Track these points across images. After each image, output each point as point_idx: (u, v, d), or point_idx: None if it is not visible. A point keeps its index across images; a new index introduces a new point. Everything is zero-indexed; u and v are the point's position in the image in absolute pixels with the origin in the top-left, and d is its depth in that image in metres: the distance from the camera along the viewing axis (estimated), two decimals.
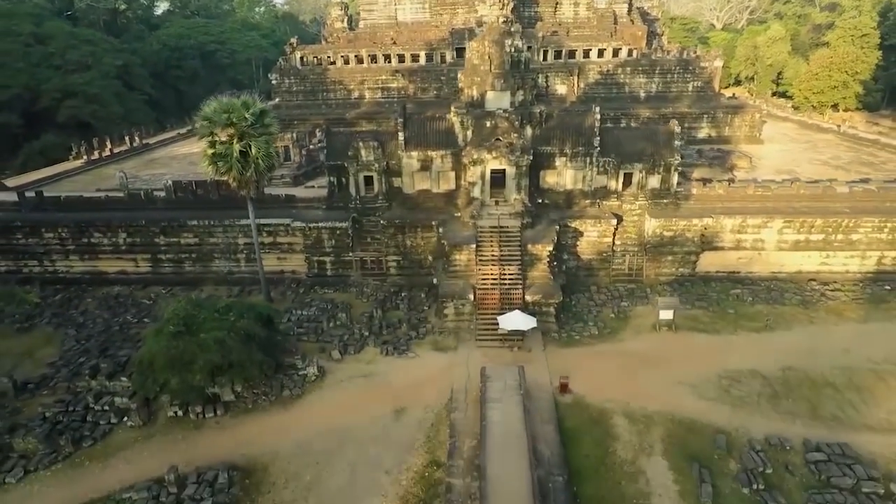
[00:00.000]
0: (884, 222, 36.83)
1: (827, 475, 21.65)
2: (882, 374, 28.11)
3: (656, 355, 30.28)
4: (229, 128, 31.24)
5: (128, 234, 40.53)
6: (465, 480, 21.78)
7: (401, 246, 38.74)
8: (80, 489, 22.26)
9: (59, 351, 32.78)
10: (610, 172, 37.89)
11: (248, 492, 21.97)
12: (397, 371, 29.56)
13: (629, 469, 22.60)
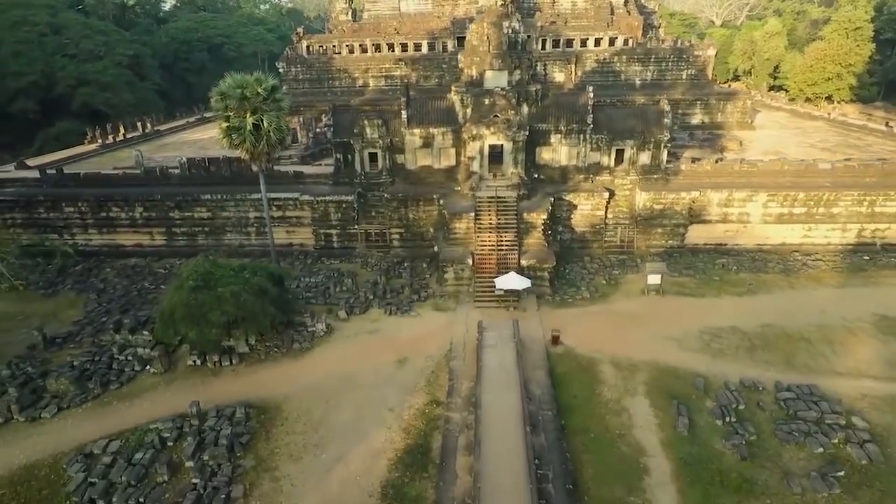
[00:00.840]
0: (863, 196, 38.71)
1: (794, 410, 23.59)
2: (854, 330, 30.02)
3: (643, 315, 32.24)
4: (243, 102, 33.31)
5: (144, 208, 42.65)
6: (462, 414, 23.80)
7: (404, 219, 40.75)
8: (109, 422, 24.29)
9: (83, 312, 34.88)
10: (603, 149, 39.85)
11: (263, 424, 23.97)
12: (400, 328, 31.59)
13: (614, 406, 24.56)
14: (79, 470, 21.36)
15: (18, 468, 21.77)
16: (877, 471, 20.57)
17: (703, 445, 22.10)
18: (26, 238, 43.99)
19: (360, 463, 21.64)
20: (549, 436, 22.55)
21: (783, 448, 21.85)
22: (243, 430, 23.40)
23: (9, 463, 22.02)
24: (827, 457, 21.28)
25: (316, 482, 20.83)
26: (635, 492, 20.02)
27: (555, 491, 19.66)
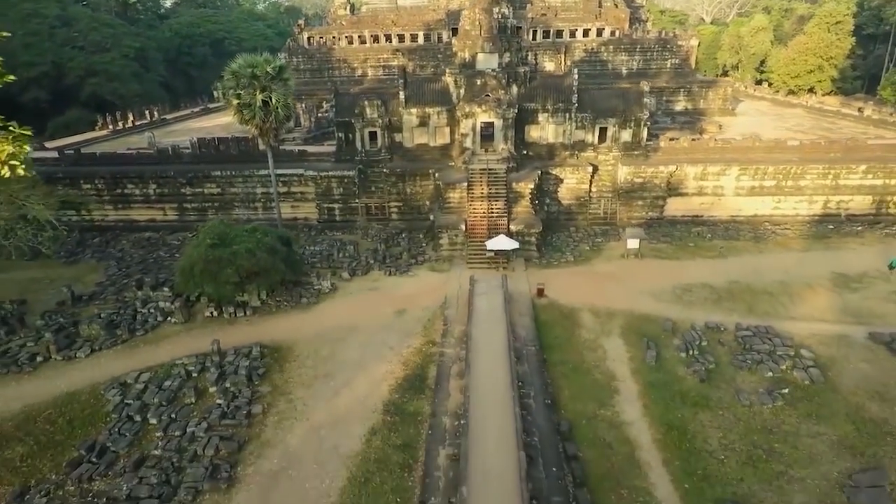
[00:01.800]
0: (828, 170, 41.75)
1: (750, 344, 26.54)
2: (812, 286, 33.00)
3: (622, 274, 35.19)
4: (253, 80, 36.10)
5: (157, 185, 45.36)
6: (455, 350, 26.66)
7: (401, 193, 43.59)
8: (138, 360, 27.04)
9: (104, 276, 37.58)
10: (587, 127, 42.76)
11: (276, 360, 26.77)
12: (399, 286, 34.45)
13: (590, 344, 27.47)
14: (115, 394, 24.14)
15: (61, 394, 24.51)
16: (816, 389, 23.52)
17: (668, 372, 25.02)
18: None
19: (364, 388, 24.47)
20: (532, 366, 25.43)
21: (737, 373, 24.80)
22: (259, 365, 26.19)
23: (52, 390, 24.75)
24: (775, 379, 24.22)
25: (325, 403, 23.65)
26: (606, 406, 22.92)
27: (535, 404, 22.55)
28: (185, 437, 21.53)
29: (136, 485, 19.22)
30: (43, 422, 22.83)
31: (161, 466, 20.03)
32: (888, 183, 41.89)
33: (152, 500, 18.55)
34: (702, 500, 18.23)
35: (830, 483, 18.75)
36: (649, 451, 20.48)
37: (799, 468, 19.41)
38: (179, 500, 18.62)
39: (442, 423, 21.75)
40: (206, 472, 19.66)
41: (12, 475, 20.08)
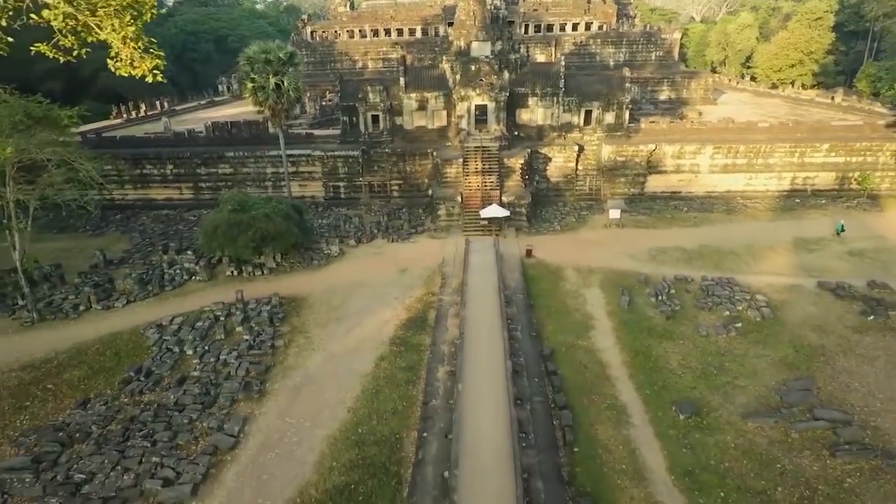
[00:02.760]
0: (794, 148, 45.41)
1: (713, 291, 30.07)
2: (774, 248, 36.60)
3: (604, 240, 38.73)
4: (267, 65, 39.51)
5: (174, 165, 48.68)
6: (452, 297, 30.10)
7: (402, 172, 47.02)
8: (169, 309, 30.34)
9: (130, 245, 40.93)
10: (573, 110, 46.32)
11: (293, 308, 30.14)
12: (401, 250, 37.90)
13: (572, 293, 30.96)
14: (154, 333, 27.51)
15: (106, 334, 27.86)
16: (765, 324, 27.07)
17: (638, 313, 28.53)
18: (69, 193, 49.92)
19: (372, 328, 27.87)
20: (520, 308, 28.91)
21: (699, 313, 28.34)
22: (279, 311, 29.57)
23: (97, 332, 28.08)
24: (731, 317, 27.75)
25: (339, 338, 27.06)
26: (583, 338, 26.41)
27: (521, 335, 26.03)
28: (219, 363, 24.90)
29: (181, 395, 22.60)
30: (93, 354, 26.19)
31: (201, 382, 23.41)
32: (849, 160, 45.58)
33: (196, 405, 21.91)
34: (660, 402, 21.70)
35: (768, 388, 22.28)
36: (618, 370, 23.97)
37: (743, 379, 22.94)
38: (219, 405, 21.99)
39: (441, 350, 25.22)
40: (240, 386, 23.05)
41: (73, 391, 23.43)
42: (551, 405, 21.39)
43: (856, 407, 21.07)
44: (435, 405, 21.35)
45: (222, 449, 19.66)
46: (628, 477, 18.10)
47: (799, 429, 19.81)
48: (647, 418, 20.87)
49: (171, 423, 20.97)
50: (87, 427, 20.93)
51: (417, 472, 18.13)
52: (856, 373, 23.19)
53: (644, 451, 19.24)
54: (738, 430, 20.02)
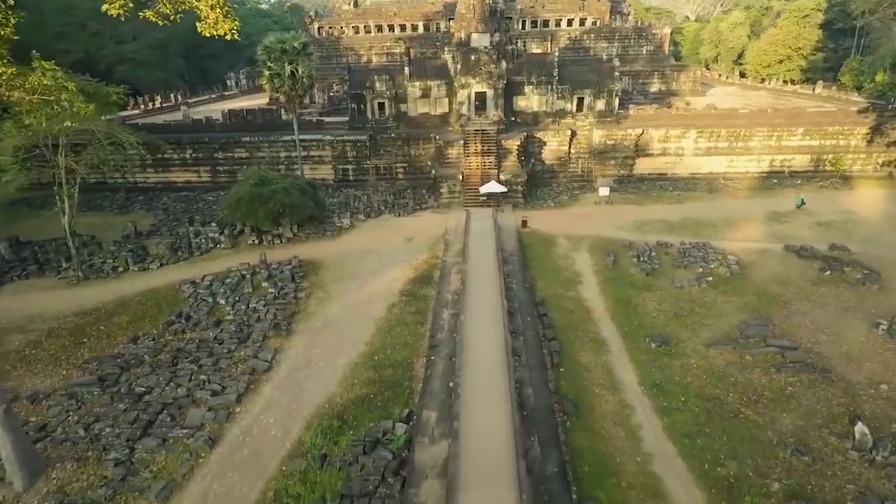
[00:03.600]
0: (772, 132, 48.78)
1: (689, 253, 33.40)
2: (750, 220, 39.93)
3: (594, 214, 42.08)
4: (283, 54, 42.85)
5: (193, 150, 52.00)
6: (454, 259, 33.41)
7: (407, 155, 50.33)
8: (199, 270, 33.61)
9: (156, 221, 44.22)
10: (566, 97, 49.65)
11: (312, 269, 33.44)
12: (407, 223, 41.25)
13: (563, 256, 34.28)
14: (188, 287, 30.83)
15: (145, 289, 31.18)
16: (734, 278, 30.39)
17: (621, 271, 31.85)
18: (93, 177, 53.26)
19: (383, 284, 31.16)
20: (515, 266, 32.22)
21: (675, 270, 31.67)
22: (299, 270, 32.88)
23: (137, 288, 31.39)
24: (703, 273, 31.04)
25: (354, 292, 30.36)
26: (571, 290, 29.73)
27: (517, 287, 29.33)
28: (249, 310, 28.22)
29: (219, 333, 25.93)
30: (136, 304, 29.51)
31: (235, 323, 26.75)
32: (823, 143, 48.96)
33: (233, 340, 25.23)
34: (636, 336, 25.02)
35: (730, 326, 25.61)
36: (601, 314, 27.30)
37: (709, 319, 26.27)
38: (253, 340, 25.30)
39: (445, 298, 28.54)
40: (270, 326, 26.39)
41: (123, 331, 26.74)
42: (541, 338, 24.70)
43: (804, 338, 24.40)
44: (440, 337, 24.67)
45: (259, 371, 22.98)
46: (605, 388, 21.43)
47: (752, 353, 23.15)
48: (623, 348, 24.21)
49: (212, 353, 24.31)
50: (140, 356, 24.25)
51: (427, 384, 21.44)
52: (808, 314, 26.54)
53: (619, 370, 22.58)
54: (700, 356, 23.36)
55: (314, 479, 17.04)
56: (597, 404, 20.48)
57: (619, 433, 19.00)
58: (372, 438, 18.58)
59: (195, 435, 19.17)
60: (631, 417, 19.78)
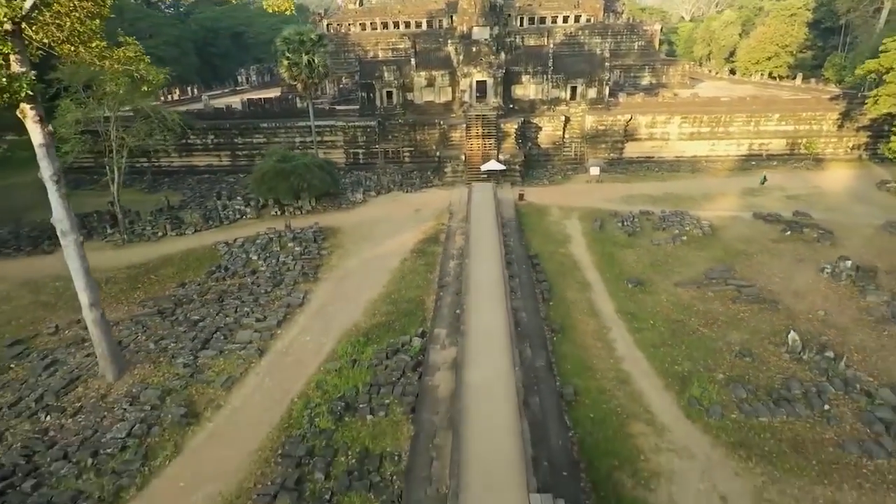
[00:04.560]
0: (750, 118, 52.84)
1: (668, 219, 37.41)
2: (726, 194, 43.94)
3: (585, 190, 46.09)
4: (300, 44, 46.94)
5: (214, 135, 56.05)
6: (458, 224, 37.43)
7: (413, 140, 54.38)
8: (230, 235, 37.59)
9: (184, 197, 48.25)
10: (560, 86, 53.74)
11: (331, 233, 37.44)
12: (415, 197, 45.27)
13: (555, 223, 38.30)
14: (223, 247, 34.84)
15: (185, 249, 35.19)
16: (705, 238, 34.40)
17: (607, 233, 35.88)
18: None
19: (396, 244, 35.16)
20: (512, 230, 36.24)
21: (654, 232, 35.70)
22: (320, 234, 36.88)
23: (177, 248, 35.41)
24: (679, 234, 35.03)
25: (370, 250, 34.37)
26: (561, 247, 33.75)
27: (513, 244, 33.36)
28: (279, 263, 32.23)
29: (255, 279, 29.96)
30: (178, 260, 33.54)
31: (269, 272, 30.77)
32: (798, 128, 53.01)
33: (268, 284, 29.25)
34: (615, 280, 29.02)
35: (698, 272, 29.60)
36: (587, 265, 31.31)
37: (680, 267, 30.29)
38: (286, 284, 29.32)
39: (451, 252, 32.56)
40: (299, 274, 30.41)
41: (171, 279, 30.80)
42: (534, 282, 28.72)
43: (760, 280, 28.42)
44: (448, 280, 28.69)
45: (293, 305, 27.00)
46: (586, 315, 25.46)
47: (714, 290, 27.18)
48: (604, 288, 28.23)
49: (252, 293, 28.37)
50: (189, 296, 28.30)
51: (437, 312, 25.45)
52: (766, 264, 30.55)
53: (599, 303, 26.60)
54: (669, 293, 27.38)
55: (347, 374, 21.01)
56: (579, 326, 24.50)
57: (597, 345, 23.02)
58: (393, 349, 22.59)
59: (246, 347, 23.19)
60: (607, 334, 23.81)
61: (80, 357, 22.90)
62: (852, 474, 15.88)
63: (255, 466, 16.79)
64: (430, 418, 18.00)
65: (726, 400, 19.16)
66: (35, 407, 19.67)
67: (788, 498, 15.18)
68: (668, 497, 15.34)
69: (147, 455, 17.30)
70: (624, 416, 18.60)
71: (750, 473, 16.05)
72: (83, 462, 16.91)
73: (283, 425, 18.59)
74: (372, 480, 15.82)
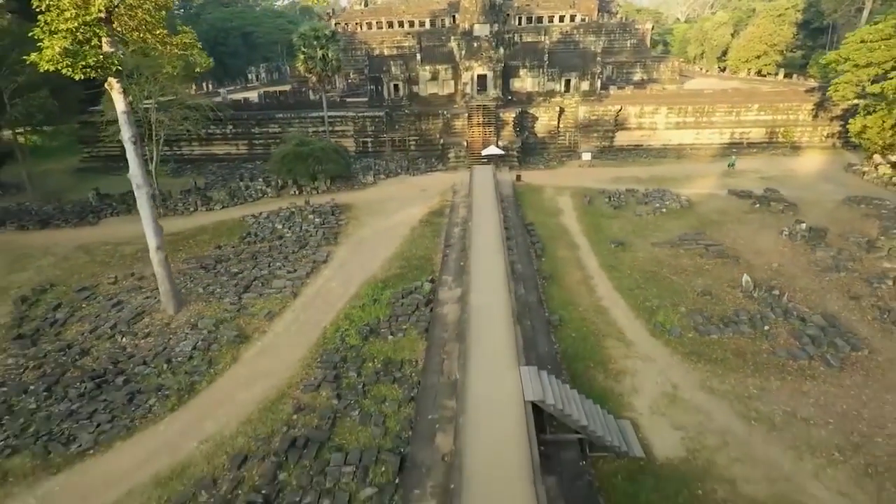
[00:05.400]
0: (731, 108, 56.89)
1: (651, 195, 41.42)
2: (706, 176, 47.95)
3: (577, 173, 50.15)
4: (315, 39, 51.06)
5: (233, 125, 60.08)
6: (461, 200, 41.44)
7: (418, 129, 58.42)
8: (255, 210, 41.55)
9: (207, 181, 52.30)
10: (555, 79, 57.79)
11: (346, 208, 41.44)
12: (421, 179, 49.32)
13: (549, 199, 42.32)
14: (250, 219, 38.86)
15: (216, 221, 39.20)
16: (682, 210, 38.41)
17: (595, 207, 39.90)
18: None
19: (405, 216, 39.15)
20: (510, 204, 40.27)
21: (637, 206, 39.68)
22: (336, 209, 40.89)
23: (209, 221, 39.42)
24: (660, 207, 39.05)
25: (381, 221, 38.37)
26: (553, 217, 37.79)
27: (511, 216, 37.37)
28: (303, 231, 36.24)
29: (283, 243, 33.98)
30: (211, 229, 37.55)
31: (294, 237, 34.79)
32: (776, 118, 57.06)
33: (294, 247, 33.26)
34: (600, 242, 33.01)
35: (673, 235, 33.60)
36: (576, 231, 35.32)
37: (658, 232, 34.28)
38: (310, 246, 33.34)
39: (455, 221, 36.59)
40: (321, 239, 34.42)
41: (207, 244, 34.78)
42: (529, 243, 32.73)
43: (726, 241, 32.40)
44: (452, 242, 32.71)
45: (318, 261, 31.03)
46: (573, 267, 29.47)
47: (685, 248, 31.19)
48: (590, 249, 32.24)
49: (282, 252, 32.38)
50: (227, 256, 32.31)
51: (444, 265, 29.47)
52: (734, 230, 34.54)
53: (585, 260, 30.61)
54: (646, 251, 31.39)
55: (370, 309, 25.01)
56: (566, 275, 28.51)
57: (581, 289, 27.03)
58: (407, 291, 26.58)
59: (281, 291, 27.21)
60: (590, 281, 27.82)
61: (141, 299, 26.92)
62: (779, 371, 19.87)
63: (300, 369, 20.78)
64: (441, 334, 22.00)
65: (685, 324, 23.16)
66: (111, 332, 23.68)
67: (726, 385, 19.17)
68: (632, 386, 19.33)
69: (211, 362, 21.31)
70: (600, 335, 22.62)
71: (698, 371, 20.04)
72: (160, 367, 20.92)
73: (319, 344, 22.59)
74: (395, 376, 19.80)
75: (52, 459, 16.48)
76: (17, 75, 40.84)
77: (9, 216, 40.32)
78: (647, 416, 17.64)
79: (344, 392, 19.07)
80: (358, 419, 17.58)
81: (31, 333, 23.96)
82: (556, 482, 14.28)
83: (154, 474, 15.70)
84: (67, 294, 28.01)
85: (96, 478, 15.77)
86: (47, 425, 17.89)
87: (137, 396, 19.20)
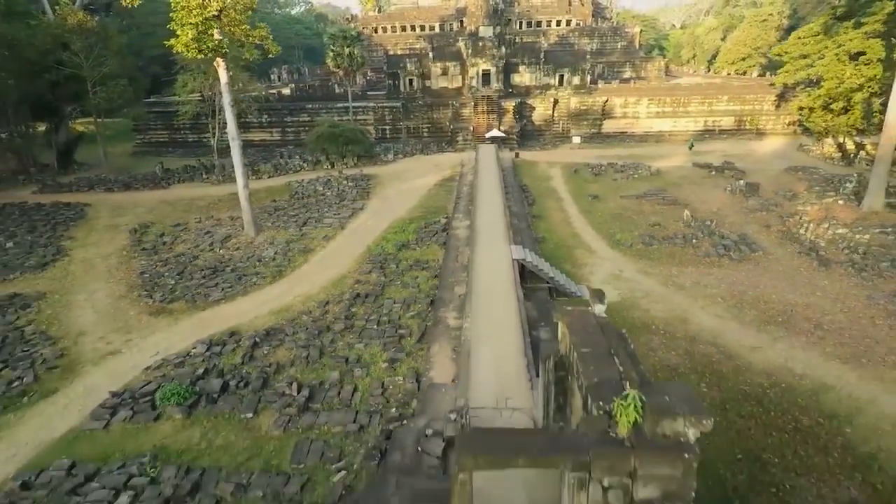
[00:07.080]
0: (704, 100, 65.08)
1: (627, 166, 49.58)
2: (677, 154, 56.10)
3: (568, 153, 58.42)
4: (343, 39, 59.68)
5: (268, 114, 68.65)
6: (468, 170, 49.74)
7: (430, 118, 66.83)
8: (297, 178, 49.86)
9: (250, 160, 60.75)
10: (550, 74, 66.17)
11: (372, 176, 49.77)
12: (434, 158, 57.68)
13: (542, 170, 50.57)
14: (295, 183, 47.25)
15: (266, 186, 47.60)
16: (652, 176, 46.59)
17: (579, 174, 48.12)
18: (191, 137, 70.09)
19: (422, 182, 47.43)
20: (509, 174, 48.48)
21: (615, 174, 47.87)
22: (364, 178, 49.24)
23: (260, 186, 47.74)
24: (633, 174, 47.20)
25: (403, 185, 46.64)
26: (544, 182, 46.04)
27: (509, 180, 45.61)
28: (339, 190, 44.55)
29: (325, 197, 42.34)
30: (264, 191, 45.89)
31: (333, 194, 43.13)
32: (744, 108, 65.17)
33: (335, 200, 41.57)
34: (580, 196, 41.19)
35: (639, 192, 41.73)
36: (562, 191, 43.51)
37: (628, 190, 42.41)
38: (349, 198, 41.69)
39: (464, 183, 44.87)
40: (356, 194, 42.76)
41: (263, 199, 43.17)
42: (523, 196, 40.93)
43: (681, 196, 40.48)
44: (462, 196, 40.96)
45: (356, 209, 39.35)
46: (557, 212, 37.66)
47: (647, 200, 39.32)
48: (572, 201, 40.43)
49: (326, 202, 40.71)
50: (282, 206, 40.66)
51: (455, 209, 37.67)
52: (690, 188, 42.64)
53: (567, 207, 38.80)
54: (616, 202, 39.55)
55: (400, 234, 33.22)
56: (551, 216, 36.69)
57: (561, 224, 35.21)
58: (428, 224, 34.80)
59: (331, 226, 35.51)
60: (569, 220, 36.01)
61: (225, 230, 35.30)
62: (696, 263, 27.98)
63: (355, 265, 29.02)
64: (455, 244, 30.21)
65: (636, 241, 31.31)
66: (210, 247, 32.01)
67: (656, 270, 27.30)
68: (590, 271, 27.47)
69: (290, 262, 29.60)
70: (572, 247, 30.80)
71: (639, 264, 28.18)
72: (254, 264, 29.21)
73: (365, 253, 30.81)
74: (423, 266, 27.98)
75: (198, 304, 24.74)
76: (101, 66, 49.57)
77: (97, 182, 48.87)
78: (597, 284, 25.71)
79: (388, 275, 27.26)
80: (400, 285, 25.77)
81: (150, 248, 32.33)
82: (532, 306, 22.38)
83: (269, 310, 23.93)
84: (166, 228, 36.43)
85: (230, 312, 24.00)
86: (187, 290, 26.17)
87: (244, 278, 27.47)
